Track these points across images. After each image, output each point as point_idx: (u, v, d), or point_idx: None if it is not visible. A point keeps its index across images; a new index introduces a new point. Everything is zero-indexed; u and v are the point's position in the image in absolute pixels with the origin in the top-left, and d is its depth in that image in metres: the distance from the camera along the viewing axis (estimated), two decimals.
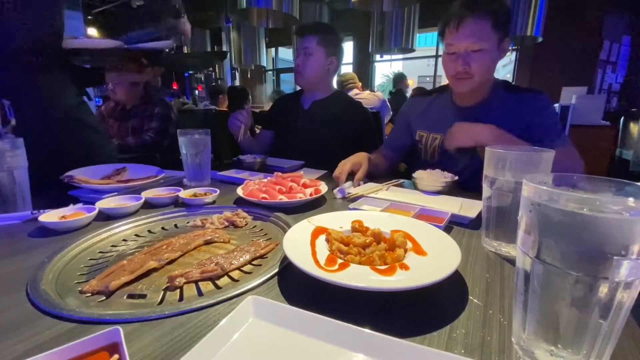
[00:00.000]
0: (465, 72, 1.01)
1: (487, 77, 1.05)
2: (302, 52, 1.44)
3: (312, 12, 4.33)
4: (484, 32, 0.97)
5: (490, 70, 1.04)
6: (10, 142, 0.76)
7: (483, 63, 1.00)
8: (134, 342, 0.35)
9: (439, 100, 1.22)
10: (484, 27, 0.97)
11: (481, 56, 0.99)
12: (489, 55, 1.00)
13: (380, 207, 0.77)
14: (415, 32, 3.83)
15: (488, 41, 0.98)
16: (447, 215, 0.69)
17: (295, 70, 1.49)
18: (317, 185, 0.91)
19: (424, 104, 1.25)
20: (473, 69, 1.00)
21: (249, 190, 0.86)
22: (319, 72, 1.47)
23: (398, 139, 1.34)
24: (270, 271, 0.50)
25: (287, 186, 0.87)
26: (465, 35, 0.98)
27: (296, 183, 0.90)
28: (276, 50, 7.98)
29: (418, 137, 1.23)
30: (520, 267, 0.34)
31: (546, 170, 0.53)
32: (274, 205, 0.80)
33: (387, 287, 0.41)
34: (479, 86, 1.05)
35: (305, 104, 1.55)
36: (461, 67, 1.01)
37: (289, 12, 2.39)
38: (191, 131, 1.02)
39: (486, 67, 1.01)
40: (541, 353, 0.32)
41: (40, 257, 0.54)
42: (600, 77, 4.20)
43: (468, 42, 0.98)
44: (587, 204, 0.28)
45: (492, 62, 1.02)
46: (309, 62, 1.44)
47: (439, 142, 1.16)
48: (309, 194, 0.85)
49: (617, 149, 3.45)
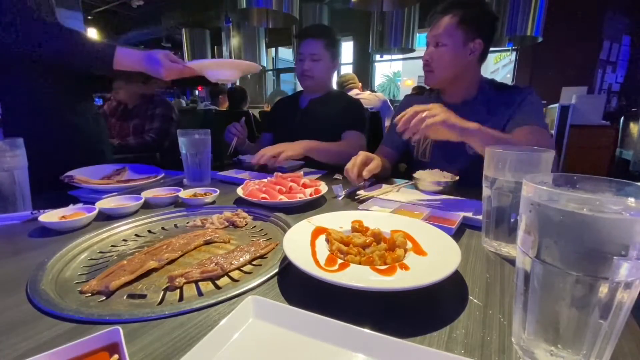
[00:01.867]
0: (427, 65, 1.08)
1: (450, 73, 1.07)
2: (308, 57, 1.46)
3: (312, 12, 4.32)
4: (447, 28, 1.02)
5: (450, 66, 1.06)
6: (10, 142, 0.76)
7: (441, 58, 1.05)
8: (134, 342, 0.35)
9: (430, 99, 1.23)
10: (449, 23, 1.02)
11: (441, 51, 1.04)
12: (450, 52, 1.03)
13: (391, 209, 0.76)
14: (415, 32, 3.83)
15: (450, 37, 1.02)
16: (459, 218, 0.68)
17: (302, 75, 1.50)
18: (317, 185, 0.91)
19: (416, 101, 1.26)
20: (434, 62, 1.06)
21: (248, 191, 0.86)
22: (328, 75, 1.54)
23: (395, 135, 1.32)
24: (270, 271, 0.50)
25: (287, 186, 0.87)
26: (432, 29, 1.05)
27: (296, 183, 0.90)
28: (276, 50, 7.98)
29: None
30: (520, 267, 0.34)
31: (546, 170, 0.53)
32: (274, 205, 0.80)
33: (387, 287, 0.41)
34: (444, 81, 1.09)
35: (303, 104, 1.57)
36: (424, 59, 1.08)
37: (289, 12, 2.39)
38: (191, 131, 1.02)
39: (445, 62, 1.05)
40: (541, 353, 0.32)
41: (40, 257, 0.54)
42: (600, 77, 4.20)
43: (432, 35, 1.05)
44: (587, 204, 0.28)
45: (454, 58, 1.04)
46: (319, 67, 1.48)
47: (430, 140, 1.17)
48: (309, 194, 0.85)
49: (617, 149, 3.46)
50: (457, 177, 0.96)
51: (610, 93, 4.30)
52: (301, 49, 1.49)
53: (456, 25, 1.01)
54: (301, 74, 1.50)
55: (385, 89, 19.84)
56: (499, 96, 1.08)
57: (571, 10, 4.04)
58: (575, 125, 3.52)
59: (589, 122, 3.49)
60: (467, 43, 1.03)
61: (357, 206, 0.82)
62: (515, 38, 3.08)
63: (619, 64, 4.26)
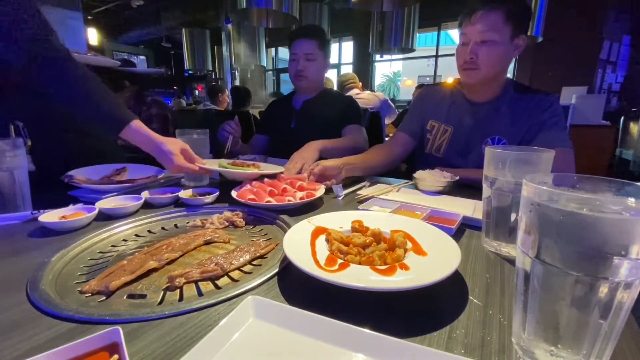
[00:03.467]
0: (472, 62, 1.02)
1: (496, 71, 1.04)
2: (302, 57, 1.45)
3: (312, 12, 4.33)
4: (495, 24, 0.97)
5: (498, 64, 1.03)
6: (10, 142, 0.76)
7: (490, 54, 1.00)
8: (134, 342, 0.35)
9: (453, 94, 1.22)
10: (496, 18, 0.97)
11: (489, 47, 0.99)
12: (498, 48, 0.99)
13: (391, 209, 0.76)
14: (415, 32, 3.84)
15: (498, 32, 0.98)
16: (459, 218, 0.68)
17: (296, 75, 1.49)
18: (313, 188, 0.88)
19: (438, 94, 1.25)
20: (480, 59, 1.01)
21: (240, 191, 0.84)
22: (322, 75, 1.53)
23: (414, 123, 1.30)
24: (270, 271, 0.50)
25: (280, 188, 0.85)
26: (476, 24, 0.99)
27: (292, 186, 0.88)
28: (276, 50, 7.99)
29: (429, 127, 1.23)
30: (520, 267, 0.34)
31: (546, 170, 0.53)
32: (262, 207, 0.78)
33: (387, 287, 0.41)
34: (486, 79, 1.05)
35: (297, 105, 1.57)
36: (468, 56, 1.01)
37: (289, 12, 2.40)
38: (190, 131, 1.02)
39: (494, 59, 1.01)
40: (541, 353, 0.32)
41: (40, 257, 0.54)
42: (600, 77, 4.20)
43: (477, 31, 0.99)
44: (587, 204, 0.28)
45: (502, 55, 1.01)
46: (314, 67, 1.47)
47: (449, 134, 1.17)
48: (300, 198, 0.81)
49: (617, 149, 3.46)
50: (457, 177, 0.96)
51: (610, 93, 4.30)
52: (295, 49, 1.48)
53: (505, 21, 0.97)
54: (295, 74, 1.49)
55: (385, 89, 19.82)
56: (521, 100, 1.06)
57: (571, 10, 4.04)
58: (575, 125, 3.52)
59: (589, 122, 3.49)
60: (514, 39, 1.00)
61: (357, 206, 0.82)
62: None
63: (619, 63, 4.27)
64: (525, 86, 1.12)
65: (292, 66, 1.50)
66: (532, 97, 1.06)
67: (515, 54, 1.03)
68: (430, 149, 1.23)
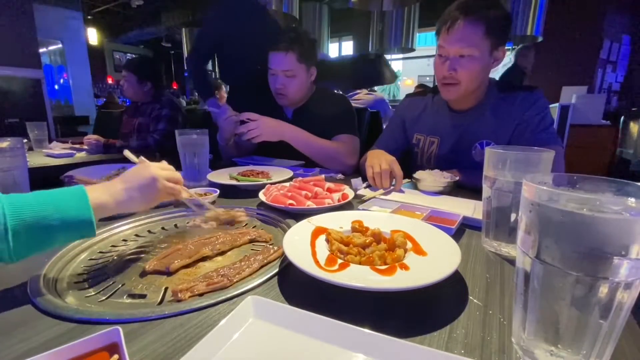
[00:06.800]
0: (452, 77, 0.98)
1: (475, 85, 1.01)
2: (280, 74, 1.30)
3: (312, 12, 4.32)
4: (474, 38, 0.93)
5: (478, 78, 0.99)
6: (10, 142, 0.76)
7: (470, 70, 0.96)
8: (134, 342, 0.35)
9: (434, 103, 1.19)
10: (476, 32, 0.92)
11: (469, 62, 0.95)
12: (478, 62, 0.95)
13: (391, 209, 0.76)
14: (415, 31, 3.83)
15: (478, 47, 0.93)
16: (459, 218, 0.68)
17: (276, 93, 1.36)
18: (342, 189, 0.88)
19: (420, 106, 1.22)
20: (460, 74, 0.96)
21: (272, 196, 0.81)
22: (305, 89, 1.39)
23: (391, 140, 1.27)
24: (270, 271, 0.50)
25: (313, 191, 0.84)
26: (455, 39, 0.94)
27: (321, 187, 0.87)
28: None
29: (415, 141, 1.21)
30: (520, 267, 0.34)
31: (546, 170, 0.53)
32: (301, 212, 0.75)
33: (387, 287, 0.41)
34: (465, 94, 1.02)
35: (288, 114, 1.45)
36: (447, 72, 0.97)
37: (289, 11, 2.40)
38: (189, 131, 1.02)
39: (474, 74, 0.97)
40: (541, 353, 0.32)
41: (41, 257, 0.54)
42: (600, 77, 4.20)
43: (457, 46, 0.94)
44: (587, 204, 0.28)
45: (482, 69, 0.97)
46: (294, 85, 1.32)
47: (436, 146, 1.15)
48: (337, 200, 0.82)
49: (617, 149, 3.45)
50: (457, 177, 0.96)
51: (610, 93, 4.30)
52: (271, 64, 1.31)
53: (484, 34, 0.92)
54: (275, 92, 1.36)
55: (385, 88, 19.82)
56: (504, 101, 1.04)
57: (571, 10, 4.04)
58: (575, 125, 3.51)
59: (589, 121, 3.49)
60: (493, 52, 0.97)
61: (357, 206, 0.82)
62: (515, 38, 3.08)
63: (619, 63, 4.26)
64: (509, 84, 1.08)
65: (271, 81, 1.36)
66: (516, 95, 1.03)
67: (494, 66, 1.00)
68: (421, 162, 1.21)
